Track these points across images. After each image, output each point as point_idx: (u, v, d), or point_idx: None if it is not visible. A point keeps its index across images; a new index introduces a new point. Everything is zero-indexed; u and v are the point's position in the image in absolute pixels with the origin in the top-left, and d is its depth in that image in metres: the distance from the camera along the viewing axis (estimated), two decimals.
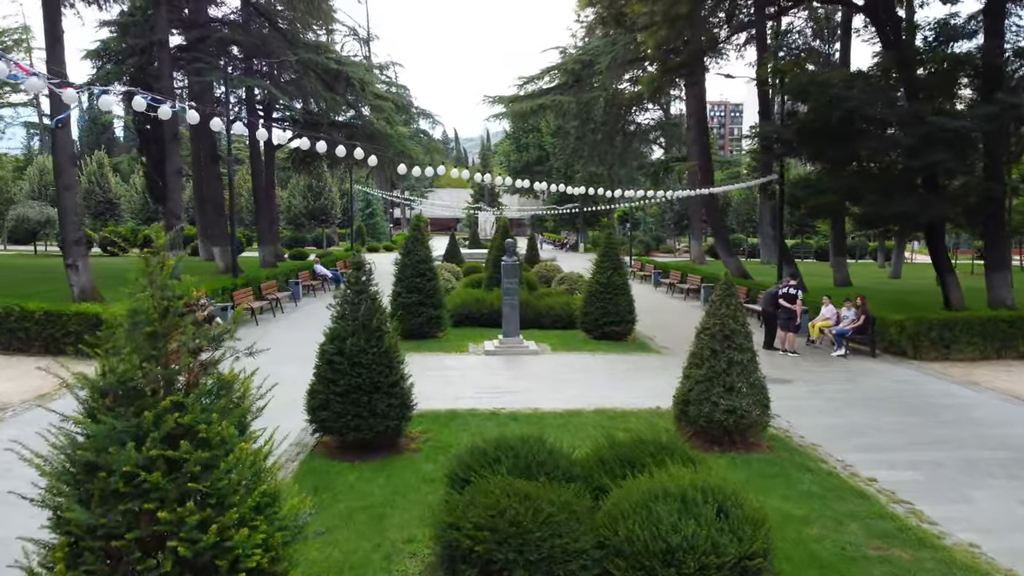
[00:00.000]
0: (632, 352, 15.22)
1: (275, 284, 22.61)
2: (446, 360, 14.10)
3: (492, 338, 16.20)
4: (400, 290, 16.26)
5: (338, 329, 8.28)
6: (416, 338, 16.16)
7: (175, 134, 24.66)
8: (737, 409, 8.36)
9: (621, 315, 16.43)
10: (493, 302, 18.27)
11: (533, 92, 32.93)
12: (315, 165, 45.30)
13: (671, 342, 16.59)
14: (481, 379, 12.47)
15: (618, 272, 16.66)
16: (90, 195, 52.61)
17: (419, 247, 16.38)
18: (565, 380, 12.38)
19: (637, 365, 13.87)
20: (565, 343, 15.95)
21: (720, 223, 31.28)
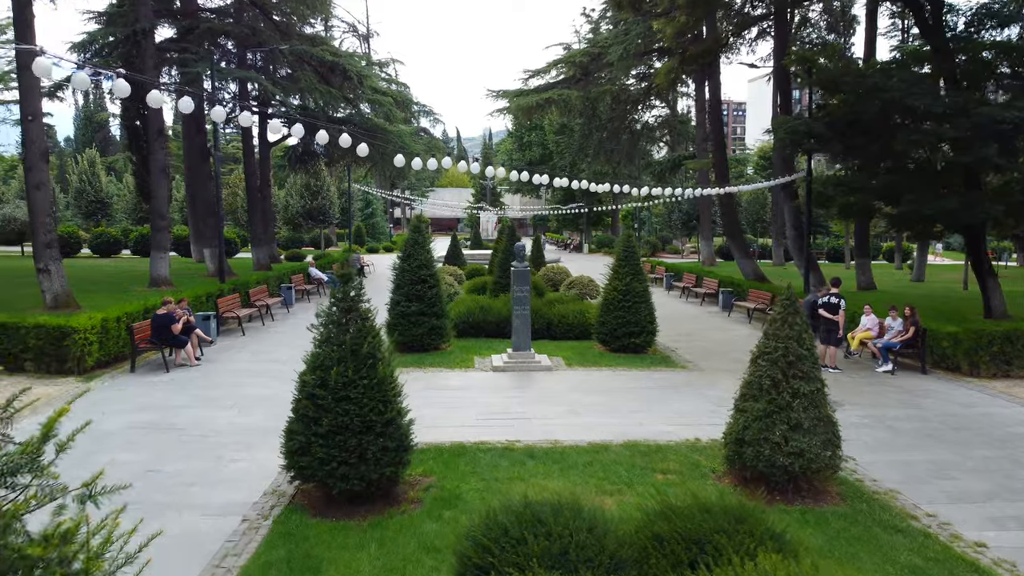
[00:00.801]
0: (655, 367, 13.75)
1: (265, 289, 21.15)
2: (450, 377, 12.64)
3: (500, 351, 14.76)
4: (399, 298, 14.80)
5: (321, 356, 6.82)
6: (416, 350, 14.73)
7: (160, 130, 23.20)
8: (805, 451, 6.91)
9: (641, 326, 14.97)
10: (500, 310, 16.83)
11: (539, 87, 31.49)
12: (312, 163, 43.84)
13: (695, 355, 15.14)
14: (490, 401, 11.01)
15: (638, 278, 15.19)
16: (81, 195, 51.21)
17: (419, 251, 14.93)
18: (585, 403, 10.91)
19: (663, 383, 12.40)
20: (580, 357, 14.49)
21: (736, 224, 29.81)
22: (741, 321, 20.78)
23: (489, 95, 32.16)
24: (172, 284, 23.53)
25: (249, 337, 16.77)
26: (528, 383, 12.30)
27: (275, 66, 33.88)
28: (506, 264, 20.22)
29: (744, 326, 19.75)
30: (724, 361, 14.57)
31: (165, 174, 23.56)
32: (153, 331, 13.07)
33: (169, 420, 9.90)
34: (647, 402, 11.03)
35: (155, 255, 23.36)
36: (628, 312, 14.93)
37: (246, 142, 33.32)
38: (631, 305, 14.97)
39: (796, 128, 17.85)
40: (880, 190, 17.38)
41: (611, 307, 15.08)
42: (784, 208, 25.31)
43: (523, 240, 29.50)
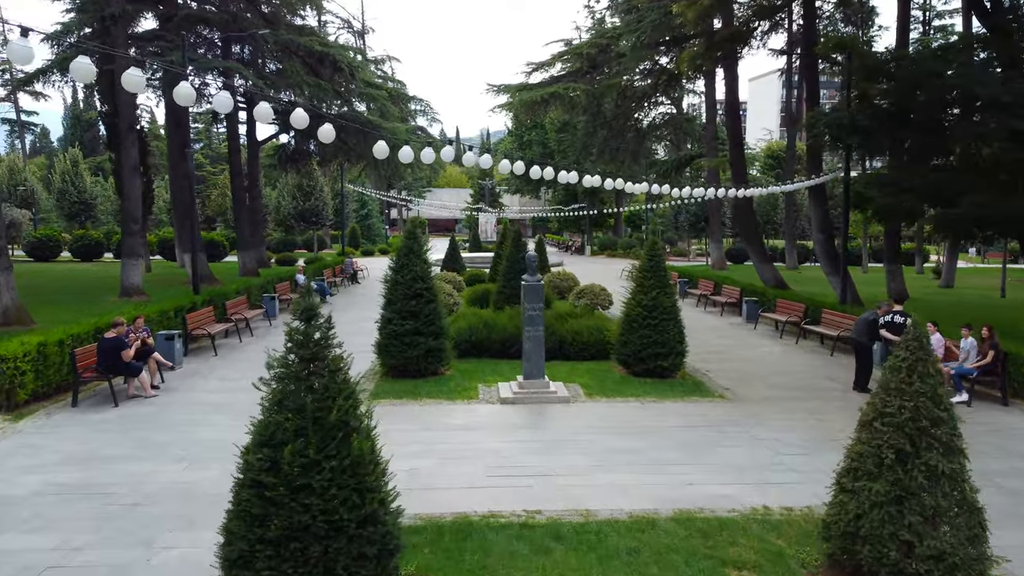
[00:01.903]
0: (689, 397, 11.79)
1: (245, 300, 19.15)
2: (450, 413, 10.67)
3: (507, 375, 12.81)
4: (391, 315, 12.83)
5: (272, 426, 4.83)
6: (411, 375, 12.78)
7: (131, 124, 21.24)
8: (947, 554, 4.96)
9: (670, 346, 13.01)
10: (506, 326, 14.87)
11: (542, 81, 29.60)
12: (303, 163, 41.89)
13: (730, 379, 13.19)
14: (499, 447, 9.04)
15: (665, 292, 13.24)
16: (63, 195, 49.15)
17: (414, 260, 12.95)
18: (615, 450, 8.95)
19: (702, 420, 10.45)
20: (600, 383, 12.53)
21: (754, 226, 27.90)
22: (769, 335, 18.84)
23: (489, 90, 30.26)
24: (145, 294, 21.60)
25: (221, 359, 14.78)
26: (543, 420, 10.34)
27: (263, 59, 31.93)
28: (511, 273, 18.27)
29: (774, 341, 17.81)
30: (764, 387, 12.62)
31: (137, 173, 21.59)
32: (100, 358, 11.09)
33: (98, 478, 7.92)
34: (690, 449, 9.06)
35: (127, 262, 21.40)
36: (655, 331, 12.98)
37: (232, 139, 31.34)
38: (658, 323, 13.01)
39: (838, 122, 15.93)
40: (931, 190, 15.47)
41: (635, 325, 13.12)
42: (811, 210, 23.36)
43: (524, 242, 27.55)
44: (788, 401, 11.63)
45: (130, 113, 21.21)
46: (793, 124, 39.78)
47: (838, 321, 16.44)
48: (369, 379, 12.85)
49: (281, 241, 53.05)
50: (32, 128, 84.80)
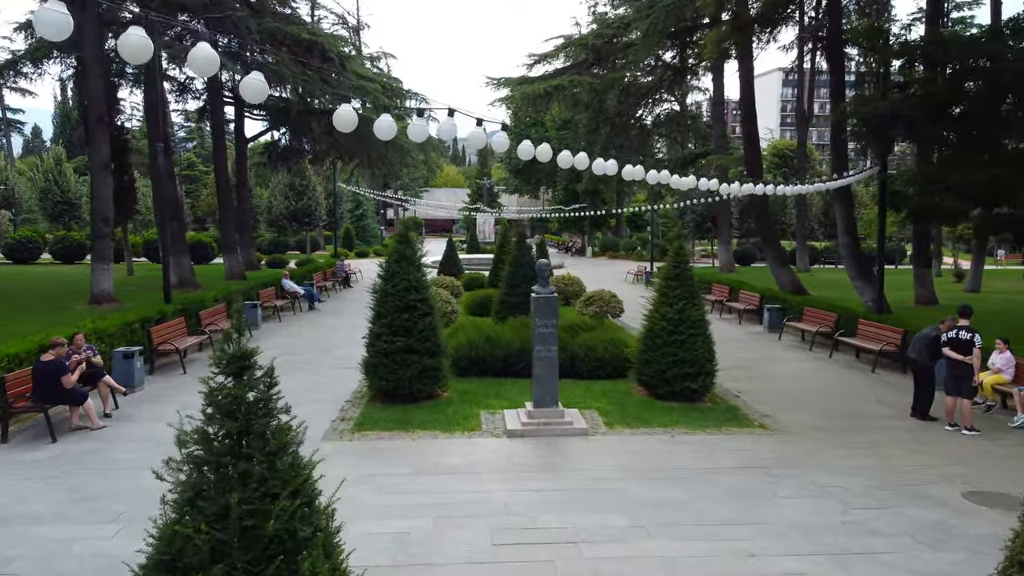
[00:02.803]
0: (725, 428, 10.17)
1: (224, 309, 17.50)
2: (449, 450, 9.04)
3: (513, 398, 11.21)
4: (380, 330, 11.20)
5: (179, 540, 3.17)
6: (403, 399, 11.14)
7: (101, 116, 19.53)
8: None
9: (699, 366, 11.40)
10: (510, 341, 13.24)
11: (545, 74, 28.01)
12: (295, 161, 40.25)
13: (768, 403, 11.58)
14: (508, 500, 7.42)
15: (693, 303, 11.62)
16: (46, 195, 47.35)
17: (407, 268, 11.32)
18: (651, 502, 7.33)
19: (748, 459, 8.83)
20: (620, 409, 10.91)
21: (772, 228, 26.31)
22: (796, 346, 17.26)
23: (488, 83, 28.65)
24: (116, 301, 19.92)
25: (191, 377, 13.12)
26: (559, 459, 8.71)
27: (251, 52, 30.27)
28: (515, 279, 16.66)
29: (804, 354, 16.22)
30: (808, 413, 11.01)
31: (108, 170, 19.90)
32: (36, 384, 9.43)
33: (1, 550, 6.27)
34: (742, 501, 7.44)
35: (96, 267, 19.72)
36: (682, 348, 11.36)
37: (216, 134, 29.66)
38: (685, 339, 11.40)
39: (876, 113, 14.31)
40: (980, 188, 13.87)
41: (658, 341, 11.50)
42: (836, 211, 21.76)
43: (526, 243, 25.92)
44: (841, 432, 10.02)
45: (99, 105, 19.51)
46: (804, 122, 38.23)
47: (877, 333, 14.85)
48: (355, 404, 11.22)
49: (273, 242, 51.33)
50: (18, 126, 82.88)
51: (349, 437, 9.51)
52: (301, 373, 13.55)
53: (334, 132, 31.40)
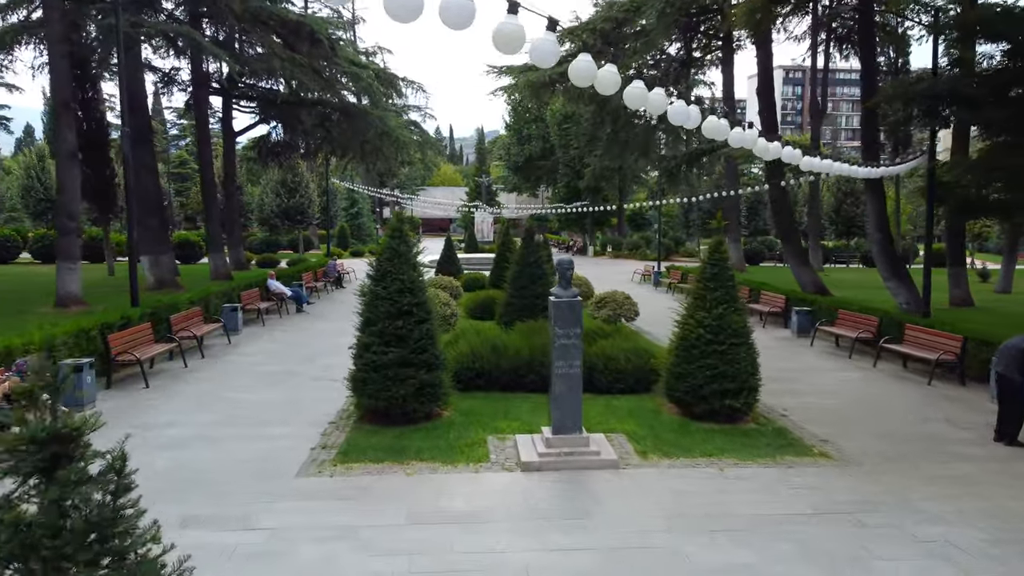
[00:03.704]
0: (781, 456, 8.51)
1: (199, 312, 15.82)
2: (450, 489, 7.38)
3: (525, 419, 9.58)
4: (370, 340, 9.54)
5: None
6: (396, 421, 9.48)
7: (66, 102, 17.82)
8: None
9: (741, 381, 9.77)
10: (520, 350, 11.59)
11: None
12: (286, 157, 38.55)
13: (819, 421, 9.95)
14: (529, 563, 5.76)
15: (734, 307, 9.98)
16: (28, 191, 45.57)
17: (401, 267, 9.66)
18: (711, 568, 5.68)
19: (823, 500, 7.19)
20: (652, 432, 9.27)
21: (792, 225, 24.71)
22: (832, 353, 15.65)
23: (490, 71, 26.92)
24: (84, 303, 18.24)
25: (152, 393, 11.44)
26: (588, 502, 7.06)
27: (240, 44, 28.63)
28: (523, 279, 15.00)
29: (844, 363, 14.60)
30: (871, 437, 9.37)
31: (75, 160, 18.20)
32: None
33: None
34: (832, 567, 5.77)
35: (62, 266, 18.03)
36: (723, 360, 9.72)
37: (200, 125, 27.96)
38: (726, 350, 9.76)
39: (933, 91, 12.65)
40: None
41: (694, 352, 9.86)
42: (867, 205, 20.13)
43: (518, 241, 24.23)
44: (919, 462, 8.38)
45: (64, 88, 17.80)
46: (818, 115, 36.64)
47: (931, 341, 13.21)
48: (340, 426, 9.55)
49: (264, 241, 49.57)
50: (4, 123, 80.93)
51: (330, 471, 7.85)
52: (280, 387, 11.88)
53: (325, 125, 29.77)
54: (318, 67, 22.58)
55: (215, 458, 8.23)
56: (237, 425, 9.59)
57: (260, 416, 10.04)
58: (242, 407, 10.53)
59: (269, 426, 9.56)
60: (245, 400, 10.92)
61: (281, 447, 8.62)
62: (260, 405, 10.66)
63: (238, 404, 10.70)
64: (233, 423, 9.69)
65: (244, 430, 9.36)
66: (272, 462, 8.07)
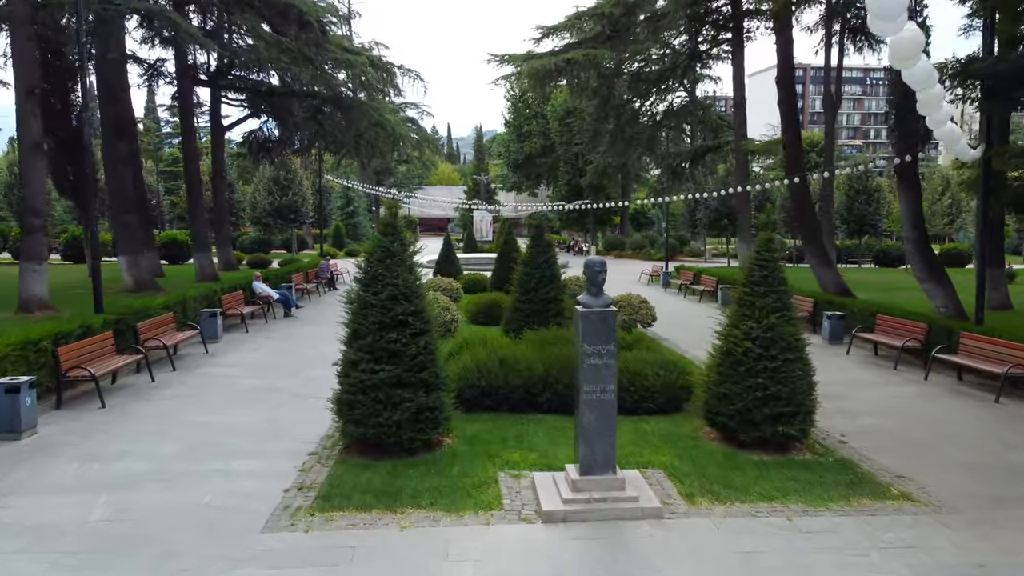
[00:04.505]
0: (857, 500, 7.01)
1: (172, 319, 14.28)
2: (455, 549, 5.86)
3: (542, 449, 8.09)
4: (358, 356, 8.03)
5: None
6: (390, 453, 7.99)
7: (31, 89, 16.25)
8: None
9: (796, 402, 8.27)
10: (531, 363, 10.07)
11: (555, 49, 24.89)
12: (278, 153, 36.99)
13: (885, 450, 8.47)
14: None
15: (785, 317, 8.48)
16: (11, 189, 43.95)
17: (395, 269, 8.14)
18: None
19: (923, 564, 5.70)
20: (695, 467, 7.77)
21: (815, 224, 23.23)
22: (873, 363, 14.16)
23: (491, 60, 25.41)
24: (51, 308, 16.71)
25: (109, 415, 9.90)
26: (631, 570, 5.54)
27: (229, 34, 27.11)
28: (531, 282, 13.50)
29: (890, 374, 13.11)
30: (958, 472, 7.86)
31: (39, 152, 16.64)
32: None
33: None
34: None
35: (26, 267, 16.48)
36: (775, 379, 8.22)
37: (184, 115, 26.39)
38: (780, 366, 8.27)
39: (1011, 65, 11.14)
40: None
41: (740, 368, 8.36)
42: (900, 201, 18.63)
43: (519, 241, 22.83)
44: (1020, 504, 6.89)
45: (30, 75, 16.24)
46: (833, 108, 35.14)
47: (993, 351, 11.71)
48: (322, 459, 8.03)
49: (256, 241, 47.97)
50: None
51: (306, 522, 6.33)
52: (257, 406, 10.35)
53: (318, 118, 28.24)
54: (308, 53, 21.03)
55: (166, 504, 6.71)
56: (200, 457, 8.07)
57: (229, 445, 8.52)
58: (210, 432, 9.01)
59: (238, 458, 8.04)
60: (214, 424, 9.39)
61: (249, 488, 7.11)
62: (231, 430, 9.14)
63: (206, 429, 9.17)
64: (196, 454, 8.17)
65: (208, 463, 7.84)
66: (235, 511, 6.56)
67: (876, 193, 43.25)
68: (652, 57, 34.49)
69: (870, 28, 4.76)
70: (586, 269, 6.73)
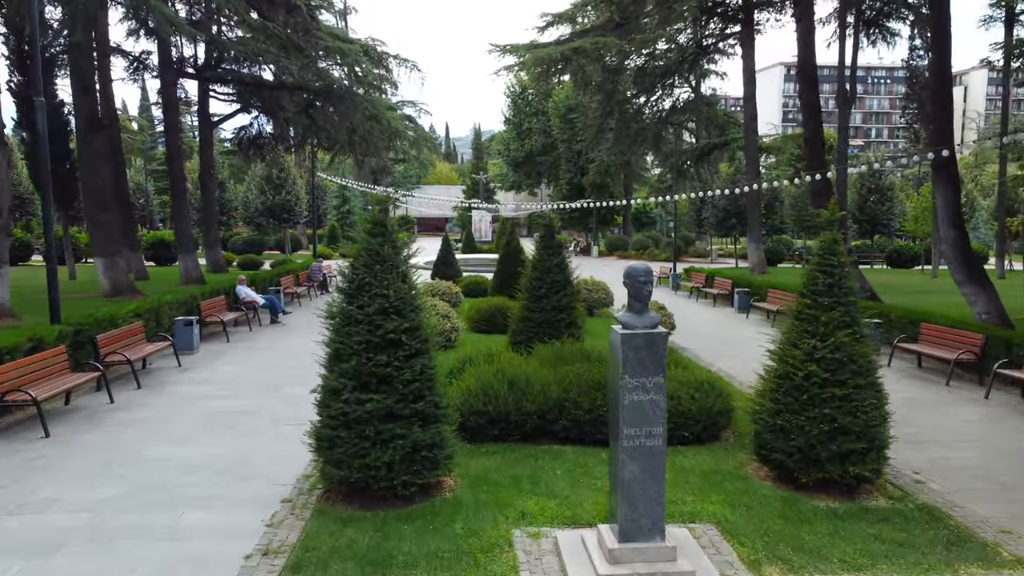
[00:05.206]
0: (961, 568, 5.59)
1: (141, 329, 12.82)
2: None
3: (562, 493, 6.66)
4: (339, 383, 6.60)
5: None
6: (379, 502, 6.59)
7: None
8: None
9: (869, 437, 6.87)
10: (546, 386, 8.63)
11: (560, 38, 23.51)
12: (269, 150, 35.58)
13: (969, 490, 7.08)
14: None
15: (853, 332, 7.05)
16: None
17: (385, 277, 6.71)
18: None
19: None
20: (755, 523, 6.34)
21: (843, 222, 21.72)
22: (918, 376, 12.75)
23: (493, 50, 23.98)
24: (13, 316, 15.27)
25: (50, 447, 8.45)
26: None
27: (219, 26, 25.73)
28: (541, 288, 12.05)
29: (944, 392, 11.70)
30: None
31: (1, 146, 15.19)
32: None
33: None
34: None
35: None
36: (843, 409, 6.81)
37: (168, 109, 24.95)
38: (850, 394, 6.86)
39: None
40: None
41: (802, 396, 6.94)
42: (936, 197, 17.21)
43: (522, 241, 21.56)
44: None
45: None
46: (847, 102, 33.72)
47: None
48: (296, 510, 6.59)
49: (248, 241, 46.49)
50: None
51: None
52: (226, 434, 8.91)
53: (309, 112, 26.83)
54: (297, 41, 19.59)
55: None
56: (148, 506, 6.64)
57: (186, 488, 7.08)
58: (165, 471, 7.57)
59: (194, 508, 6.61)
60: (172, 460, 7.95)
61: (200, 553, 5.68)
62: (191, 467, 7.70)
63: (161, 466, 7.74)
64: (143, 502, 6.74)
65: (155, 515, 6.41)
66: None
67: (889, 192, 41.88)
68: (656, 52, 33.22)
69: None
70: (627, 279, 5.29)
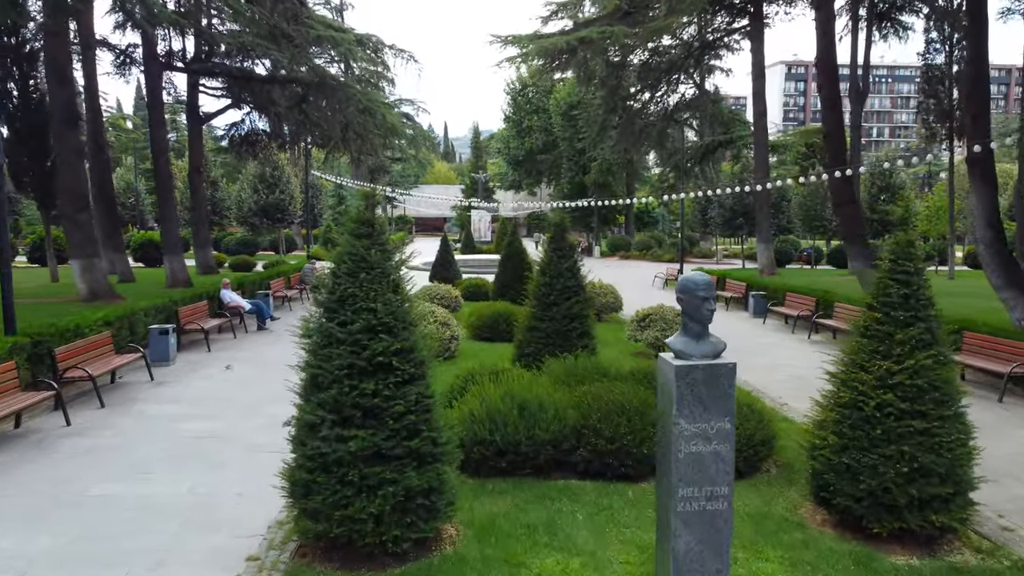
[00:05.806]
0: None
1: (109, 340, 11.63)
2: None
3: (586, 548, 5.50)
4: (317, 417, 5.42)
5: None
6: (363, 561, 5.40)
7: None
8: None
9: (954, 479, 5.72)
10: (561, 411, 7.46)
11: (564, 29, 22.39)
12: (261, 147, 34.40)
13: None
14: None
15: (940, 356, 5.88)
16: None
17: (373, 288, 5.53)
18: None
19: None
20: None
21: (860, 225, 20.68)
22: (981, 393, 11.54)
23: (494, 41, 22.81)
24: None
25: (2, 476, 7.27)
26: None
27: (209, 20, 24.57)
28: (551, 294, 10.85)
29: (998, 409, 10.55)
30: None
31: None
32: None
33: None
34: None
35: None
36: (924, 445, 5.66)
37: (153, 105, 23.72)
38: (932, 428, 5.70)
39: None
40: None
41: (873, 430, 5.78)
42: (974, 196, 16.05)
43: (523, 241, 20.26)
44: None
45: None
46: (860, 97, 32.63)
47: None
48: (265, 571, 5.40)
49: (241, 242, 45.26)
50: None
51: None
52: (193, 466, 7.72)
53: (302, 107, 25.65)
54: (286, 29, 18.40)
55: None
56: (83, 564, 5.46)
57: (134, 539, 5.90)
58: (114, 515, 6.40)
59: (139, 568, 5.42)
60: (124, 500, 6.77)
61: None
62: (145, 510, 6.52)
63: (110, 508, 6.56)
64: (78, 559, 5.56)
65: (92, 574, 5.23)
66: None
67: (900, 191, 40.78)
68: (661, 48, 32.14)
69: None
70: (683, 294, 4.08)
